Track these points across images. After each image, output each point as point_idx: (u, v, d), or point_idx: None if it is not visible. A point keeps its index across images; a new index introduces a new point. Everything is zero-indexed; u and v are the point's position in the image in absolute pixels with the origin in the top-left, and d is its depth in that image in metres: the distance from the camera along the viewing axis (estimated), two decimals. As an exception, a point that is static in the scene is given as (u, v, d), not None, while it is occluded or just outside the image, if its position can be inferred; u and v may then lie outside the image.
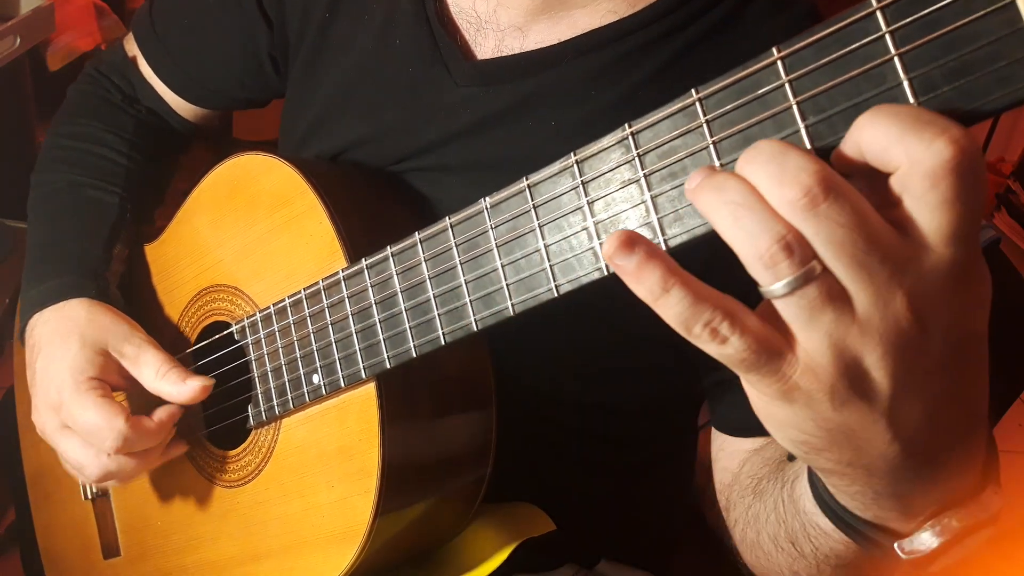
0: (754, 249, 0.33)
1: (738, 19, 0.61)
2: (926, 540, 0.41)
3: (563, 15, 0.63)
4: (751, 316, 0.34)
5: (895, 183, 0.32)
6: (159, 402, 0.69)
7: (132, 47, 0.87)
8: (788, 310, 0.34)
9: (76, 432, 0.68)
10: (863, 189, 0.33)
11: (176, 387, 0.67)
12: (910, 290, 0.33)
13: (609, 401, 0.71)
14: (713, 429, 0.70)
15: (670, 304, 0.34)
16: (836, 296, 0.33)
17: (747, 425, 0.65)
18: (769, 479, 0.59)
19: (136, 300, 0.80)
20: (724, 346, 0.34)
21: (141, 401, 0.72)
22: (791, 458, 0.59)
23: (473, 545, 0.70)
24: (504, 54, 0.65)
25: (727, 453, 0.68)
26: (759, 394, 0.37)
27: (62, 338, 0.70)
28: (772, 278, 0.33)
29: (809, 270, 0.32)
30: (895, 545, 0.42)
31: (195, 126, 0.89)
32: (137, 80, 0.86)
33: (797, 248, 0.32)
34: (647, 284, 0.34)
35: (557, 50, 0.63)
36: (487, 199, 0.47)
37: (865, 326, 0.33)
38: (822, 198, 0.32)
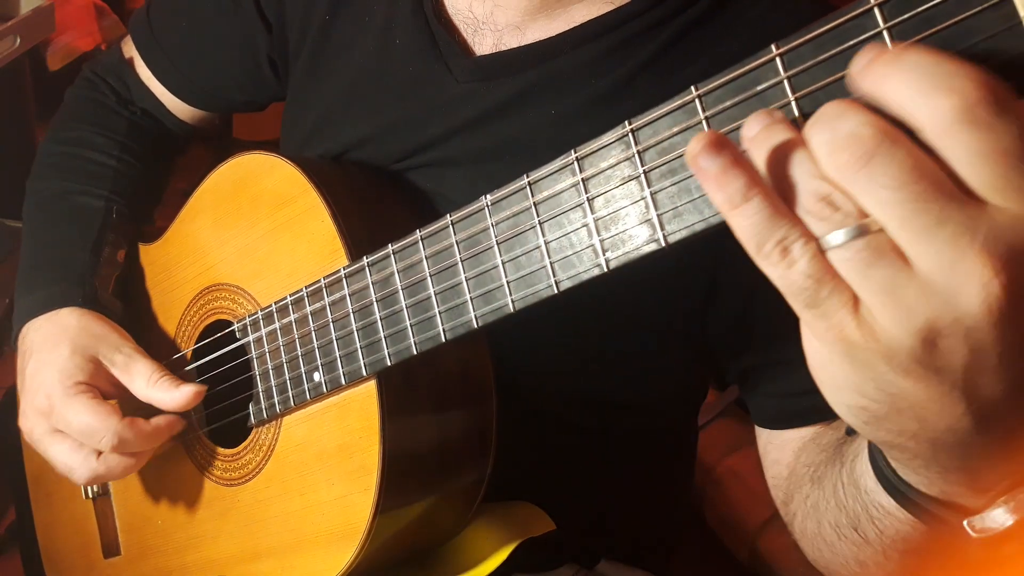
0: (806, 202, 0.32)
1: (732, 5, 0.61)
2: (999, 517, 0.38)
3: (559, 12, 0.63)
4: (814, 257, 0.32)
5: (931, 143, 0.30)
6: (149, 411, 0.70)
7: (129, 49, 0.87)
8: (843, 264, 0.32)
9: (69, 436, 0.68)
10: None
11: (168, 394, 0.67)
12: (983, 248, 0.29)
13: (609, 400, 0.72)
14: (755, 426, 0.68)
15: (747, 214, 0.32)
16: (892, 249, 0.31)
17: (787, 414, 0.64)
18: (827, 464, 0.56)
19: (138, 299, 0.80)
20: (791, 269, 0.32)
21: (131, 409, 0.73)
22: (850, 431, 0.55)
23: (473, 545, 0.70)
24: (502, 50, 0.65)
25: (775, 446, 0.66)
26: (819, 343, 0.34)
27: (52, 344, 0.71)
28: (828, 227, 0.32)
29: (865, 224, 0.31)
30: (965, 523, 0.39)
31: (192, 128, 0.89)
32: (133, 82, 0.87)
33: (845, 203, 0.31)
34: (728, 190, 0.33)
35: (555, 42, 0.63)
36: (488, 196, 0.48)
37: (928, 286, 0.30)
38: (872, 153, 0.30)
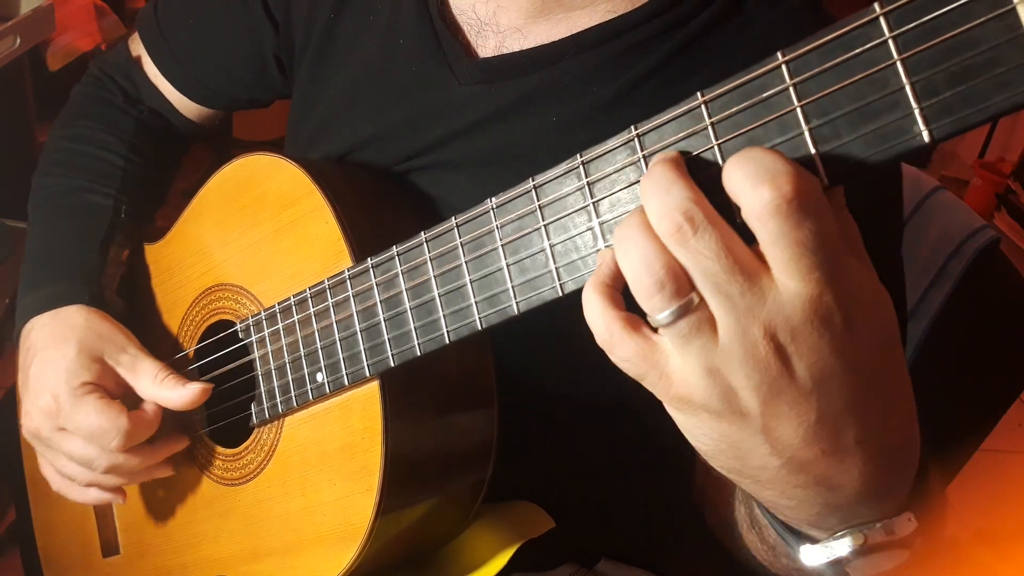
0: (635, 282, 0.37)
1: (736, 13, 0.61)
2: (827, 551, 0.44)
3: (561, 16, 0.64)
4: (634, 335, 0.39)
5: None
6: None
7: (137, 47, 0.87)
8: (667, 334, 0.38)
9: (77, 436, 0.69)
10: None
11: (174, 392, 0.68)
12: (767, 321, 0.36)
13: (610, 400, 0.72)
14: None
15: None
16: (707, 325, 0.37)
17: None
18: None
19: (141, 299, 0.80)
20: (612, 354, 0.40)
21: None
22: None
23: (474, 546, 0.70)
24: (505, 53, 0.65)
25: None
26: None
27: (57, 343, 0.70)
28: (651, 309, 0.37)
29: (687, 303, 0.36)
30: (800, 547, 0.45)
31: (198, 126, 0.89)
32: (141, 80, 0.87)
33: (669, 283, 0.36)
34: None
35: (557, 47, 0.63)
36: (493, 199, 0.48)
37: (727, 351, 0.37)
38: (691, 233, 0.36)
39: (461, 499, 0.68)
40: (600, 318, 0.39)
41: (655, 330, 0.39)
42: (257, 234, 0.68)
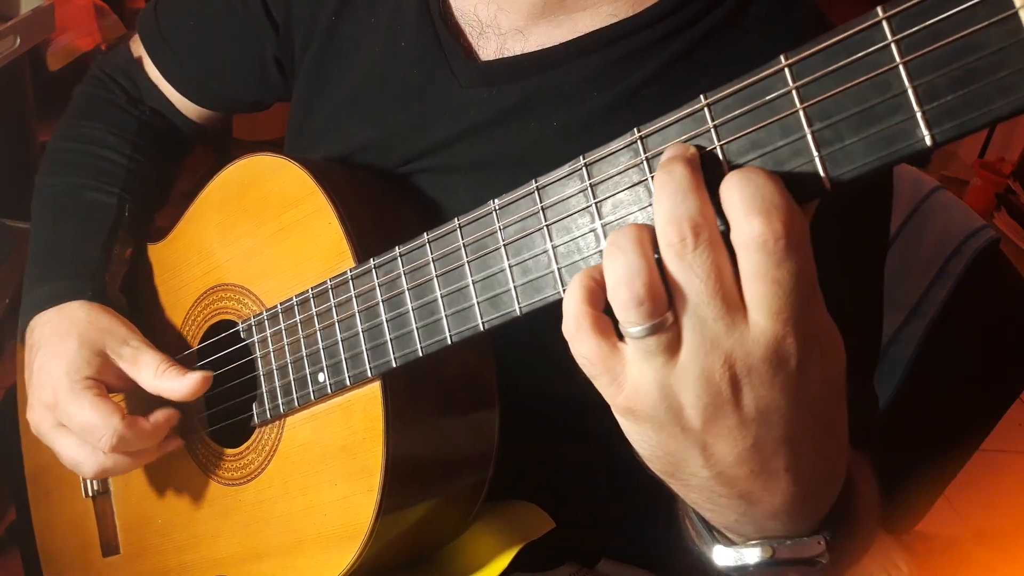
0: (614, 291, 0.38)
1: (739, 22, 0.61)
2: (737, 555, 0.46)
3: (563, 18, 0.64)
4: (598, 337, 0.40)
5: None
6: (157, 404, 0.70)
7: (138, 47, 0.87)
8: (633, 346, 0.39)
9: (72, 431, 0.69)
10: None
11: (176, 382, 0.68)
12: (729, 351, 0.37)
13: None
14: None
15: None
16: (672, 346, 0.38)
17: None
18: None
19: (142, 298, 0.80)
20: (572, 348, 0.41)
21: (139, 403, 0.73)
22: None
23: (474, 547, 0.70)
24: (506, 56, 0.65)
25: None
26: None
27: (60, 338, 0.70)
28: (625, 321, 0.38)
29: (660, 322, 0.37)
30: (714, 546, 0.48)
31: (201, 127, 0.89)
32: (142, 81, 0.87)
33: (647, 302, 0.37)
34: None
35: (559, 51, 0.63)
36: (496, 201, 0.48)
37: (684, 371, 0.38)
38: (691, 248, 0.36)
39: (462, 500, 0.68)
40: (572, 310, 0.40)
41: (620, 337, 0.40)
42: (260, 234, 0.68)
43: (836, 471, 0.45)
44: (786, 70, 0.36)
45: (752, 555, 0.46)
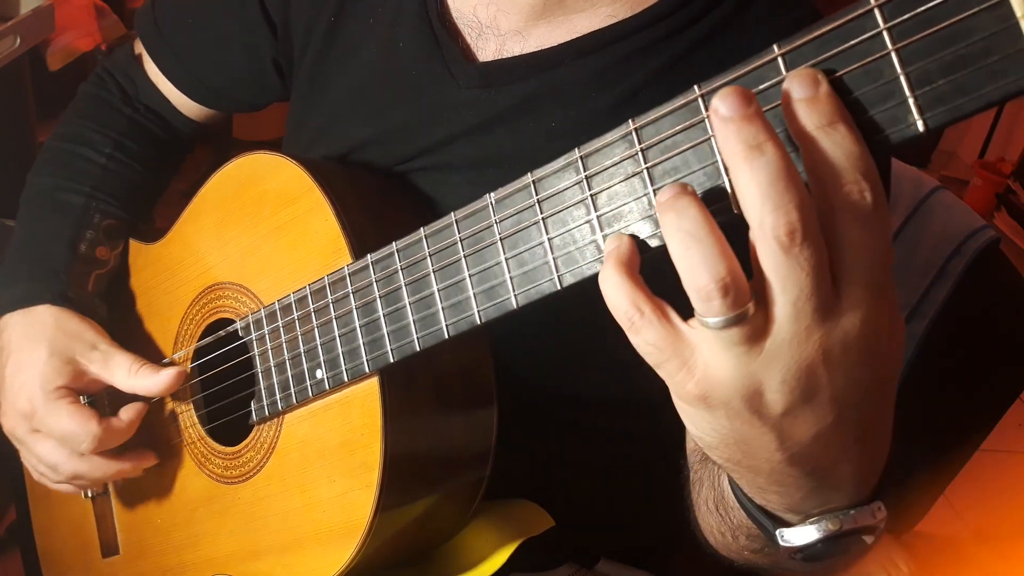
0: (694, 281, 0.35)
1: (738, 22, 0.61)
2: (803, 533, 0.45)
3: (562, 20, 0.64)
4: (664, 321, 0.38)
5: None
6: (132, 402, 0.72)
7: (139, 45, 0.87)
8: (709, 334, 0.36)
9: (51, 437, 0.71)
10: None
11: (151, 379, 0.70)
12: (824, 335, 0.36)
13: (609, 399, 0.72)
14: None
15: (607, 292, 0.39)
16: (757, 334, 0.36)
17: None
18: None
19: (140, 298, 0.80)
20: (635, 336, 0.38)
21: (113, 404, 0.75)
22: None
23: (473, 544, 0.70)
24: (505, 57, 0.66)
25: None
26: (669, 387, 0.40)
27: (31, 344, 0.72)
28: (705, 311, 0.35)
29: (742, 313, 0.35)
30: (777, 531, 0.46)
31: (199, 126, 0.90)
32: (140, 78, 0.87)
33: (733, 291, 0.34)
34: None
35: (557, 51, 0.63)
36: (492, 194, 0.48)
37: (774, 356, 0.36)
38: (800, 240, 0.34)
39: (460, 497, 0.68)
40: (625, 298, 0.38)
41: (684, 320, 0.38)
42: (257, 232, 0.68)
43: (887, 435, 0.44)
44: (779, 59, 0.36)
45: (814, 531, 0.45)
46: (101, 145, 0.83)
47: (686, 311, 0.38)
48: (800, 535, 0.45)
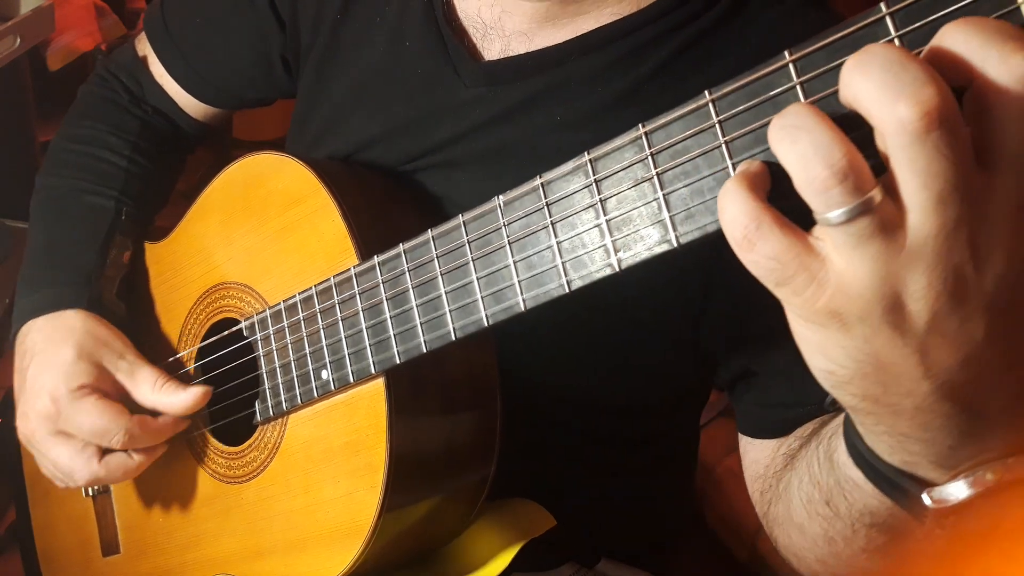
0: (807, 176, 0.31)
1: (739, 12, 0.62)
2: (955, 490, 0.40)
3: (566, 22, 0.64)
4: (786, 230, 0.34)
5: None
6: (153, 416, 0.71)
7: (143, 47, 0.87)
8: (836, 236, 0.33)
9: (75, 437, 0.69)
10: None
11: (175, 396, 0.69)
12: (975, 226, 0.32)
13: (612, 400, 0.72)
14: (739, 433, 0.69)
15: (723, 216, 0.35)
16: (890, 226, 0.32)
17: (772, 424, 0.64)
18: (803, 446, 0.59)
19: (144, 297, 0.80)
20: (750, 253, 0.34)
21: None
22: (828, 409, 0.59)
23: (476, 545, 0.70)
24: (510, 55, 0.66)
25: (755, 448, 0.67)
26: (789, 312, 0.36)
27: (56, 347, 0.71)
28: (824, 205, 0.32)
29: (867, 200, 0.31)
30: (924, 494, 0.41)
31: (204, 126, 0.90)
32: (146, 80, 0.87)
33: (853, 175, 0.31)
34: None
35: (562, 49, 0.64)
36: (500, 197, 0.48)
37: (916, 255, 0.32)
38: (936, 124, 0.30)
39: (465, 497, 0.68)
40: (744, 207, 0.34)
41: (807, 232, 0.34)
42: (263, 232, 0.68)
43: None
44: (790, 66, 0.36)
45: (964, 487, 0.39)
46: (120, 148, 0.83)
47: None
48: (954, 491, 0.40)
